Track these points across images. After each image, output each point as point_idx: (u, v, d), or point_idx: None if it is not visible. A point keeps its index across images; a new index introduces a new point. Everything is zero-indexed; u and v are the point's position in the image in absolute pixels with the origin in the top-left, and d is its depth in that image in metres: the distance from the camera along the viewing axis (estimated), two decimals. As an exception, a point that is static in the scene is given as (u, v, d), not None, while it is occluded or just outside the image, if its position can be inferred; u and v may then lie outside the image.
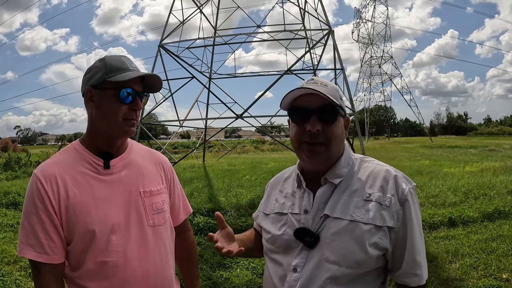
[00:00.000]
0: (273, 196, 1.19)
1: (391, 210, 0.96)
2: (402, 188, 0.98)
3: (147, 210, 1.16)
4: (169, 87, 11.33)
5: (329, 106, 1.00)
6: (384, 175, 1.01)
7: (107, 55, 1.15)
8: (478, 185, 7.41)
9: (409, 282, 0.99)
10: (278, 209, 1.12)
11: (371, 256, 0.95)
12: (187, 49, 12.78)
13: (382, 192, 0.98)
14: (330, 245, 0.97)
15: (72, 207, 1.07)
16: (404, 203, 0.97)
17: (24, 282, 3.60)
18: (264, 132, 18.76)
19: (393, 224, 0.96)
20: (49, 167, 1.10)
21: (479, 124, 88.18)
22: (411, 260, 0.98)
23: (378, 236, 0.95)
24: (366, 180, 1.02)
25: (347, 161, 1.06)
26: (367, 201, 0.98)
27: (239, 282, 3.57)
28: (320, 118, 1.00)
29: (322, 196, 1.03)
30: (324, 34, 10.12)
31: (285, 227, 1.06)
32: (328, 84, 1.05)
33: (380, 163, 1.07)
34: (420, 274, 0.99)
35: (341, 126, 1.05)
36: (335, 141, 1.02)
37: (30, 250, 1.05)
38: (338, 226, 0.97)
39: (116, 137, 1.15)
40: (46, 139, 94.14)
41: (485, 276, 3.48)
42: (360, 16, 64.18)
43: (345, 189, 1.02)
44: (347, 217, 0.97)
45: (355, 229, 0.95)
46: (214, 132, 17.42)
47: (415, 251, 0.98)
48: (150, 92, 1.19)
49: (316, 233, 0.99)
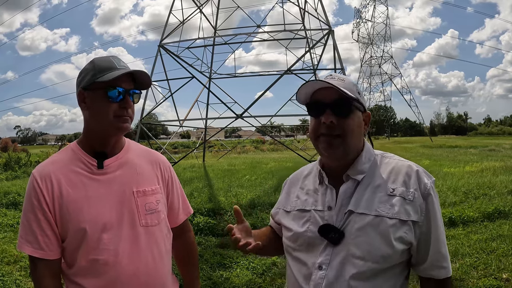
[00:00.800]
0: (294, 193, 1.18)
1: (415, 204, 0.97)
2: (424, 182, 1.00)
3: (140, 210, 1.17)
4: (169, 87, 11.34)
5: (343, 99, 1.01)
6: (407, 170, 1.02)
7: (96, 57, 1.18)
8: (478, 185, 7.41)
9: (436, 275, 1.01)
10: (301, 206, 1.11)
11: (396, 250, 0.96)
12: (187, 49, 12.79)
13: (405, 186, 1.00)
14: (355, 240, 0.97)
15: (66, 205, 1.10)
16: (427, 197, 0.99)
17: (24, 282, 3.60)
18: (264, 132, 18.76)
19: (417, 218, 0.97)
20: (45, 167, 1.15)
21: (479, 124, 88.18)
22: (436, 252, 0.99)
23: (403, 230, 0.96)
24: (389, 175, 1.03)
25: (368, 157, 1.07)
26: (391, 196, 0.99)
27: (239, 282, 3.57)
28: (335, 111, 1.01)
29: (345, 192, 1.03)
30: (324, 34, 10.13)
31: (308, 224, 1.06)
32: (346, 79, 1.06)
33: (401, 159, 1.09)
34: (446, 266, 1.01)
35: (358, 121, 1.05)
36: (351, 134, 1.02)
37: (28, 246, 1.10)
38: (363, 222, 0.97)
39: (110, 135, 1.17)
40: (46, 139, 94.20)
41: (485, 276, 3.48)
42: (360, 16, 64.22)
43: (368, 185, 1.02)
44: (372, 212, 0.98)
45: (380, 224, 0.96)
46: (214, 132, 17.42)
47: (440, 243, 0.99)
48: (140, 89, 1.20)
49: (340, 229, 0.99)
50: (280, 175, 9.90)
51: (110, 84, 1.11)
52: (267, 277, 3.66)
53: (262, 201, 6.47)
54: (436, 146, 27.80)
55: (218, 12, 14.26)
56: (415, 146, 29.24)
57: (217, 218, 5.81)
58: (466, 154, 17.40)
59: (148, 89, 1.32)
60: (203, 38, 12.89)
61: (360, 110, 1.06)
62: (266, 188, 7.96)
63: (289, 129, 69.63)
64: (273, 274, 3.70)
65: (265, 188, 7.90)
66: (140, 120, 10.66)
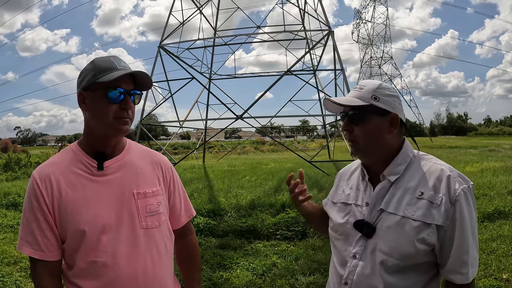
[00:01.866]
0: (341, 186, 1.28)
1: (441, 209, 1.00)
2: (454, 188, 1.02)
3: (140, 212, 1.16)
4: (169, 88, 11.36)
5: (355, 108, 1.12)
6: (438, 175, 1.05)
7: (97, 57, 1.17)
8: (478, 185, 7.40)
9: (454, 279, 1.04)
10: (344, 199, 1.22)
11: (419, 250, 1.01)
12: (187, 50, 12.80)
13: (434, 191, 1.03)
14: (383, 237, 1.05)
15: (64, 206, 1.10)
16: (455, 203, 1.00)
17: (24, 283, 3.60)
18: (264, 132, 18.76)
19: (441, 223, 1.00)
20: (45, 168, 1.15)
21: (479, 124, 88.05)
22: (457, 258, 1.02)
23: (426, 233, 1.00)
24: (421, 178, 1.07)
25: (403, 159, 1.12)
26: (419, 199, 1.03)
27: (239, 283, 3.57)
28: (350, 119, 1.14)
29: (379, 191, 1.11)
30: (324, 34, 10.14)
31: (348, 217, 1.16)
32: (366, 86, 1.13)
33: (438, 162, 1.11)
34: (465, 273, 1.02)
35: (375, 125, 1.10)
36: (364, 139, 1.11)
37: (27, 247, 1.10)
38: (391, 221, 1.05)
39: (110, 136, 1.16)
40: (46, 140, 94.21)
41: (485, 276, 3.47)
42: (360, 16, 64.26)
43: (401, 186, 1.08)
44: (399, 213, 1.04)
45: (405, 224, 1.02)
46: (214, 132, 17.44)
47: (463, 250, 1.01)
48: (141, 90, 1.19)
49: (373, 225, 1.08)
50: (280, 176, 9.91)
51: (111, 84, 1.09)
52: (267, 278, 3.66)
53: (262, 201, 6.46)
54: (436, 146, 27.78)
55: (218, 13, 14.28)
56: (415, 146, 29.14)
57: (217, 219, 5.80)
58: (466, 155, 17.39)
59: (148, 90, 1.32)
60: (203, 39, 12.92)
61: (380, 114, 1.10)
62: (266, 188, 7.95)
63: (289, 130, 69.66)
64: (273, 275, 3.69)
65: (265, 189, 7.89)
66: (140, 121, 10.66)
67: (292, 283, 3.47)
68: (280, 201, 6.39)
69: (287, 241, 4.81)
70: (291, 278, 3.56)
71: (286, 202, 6.24)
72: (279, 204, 6.25)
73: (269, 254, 4.28)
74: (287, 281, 3.51)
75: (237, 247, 4.65)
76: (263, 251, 4.45)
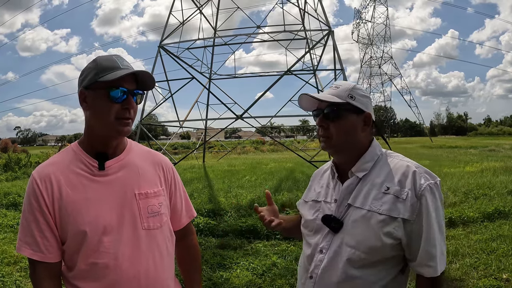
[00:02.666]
0: (313, 186, 1.32)
1: (407, 204, 1.03)
2: (420, 183, 1.05)
3: (142, 213, 1.15)
4: (169, 88, 11.36)
5: (331, 106, 1.14)
6: (404, 170, 1.08)
7: (99, 56, 1.14)
8: (478, 185, 7.40)
9: (423, 273, 1.06)
10: (315, 197, 1.26)
11: (385, 244, 1.04)
12: (187, 49, 12.80)
13: (400, 186, 1.06)
14: (350, 231, 1.08)
15: (65, 207, 1.08)
16: (420, 198, 1.03)
17: (24, 283, 3.59)
18: (264, 132, 18.77)
19: (408, 217, 1.03)
20: (45, 168, 1.13)
21: (479, 124, 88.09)
22: (425, 251, 1.03)
23: (392, 227, 1.03)
24: (388, 174, 1.10)
25: (371, 156, 1.15)
26: (385, 193, 1.07)
27: (239, 283, 3.57)
28: (325, 116, 1.16)
29: (347, 187, 1.14)
30: (324, 34, 10.14)
31: (318, 213, 1.20)
32: (341, 86, 1.17)
33: (404, 159, 1.15)
34: (433, 266, 1.04)
35: (350, 123, 1.14)
36: (338, 136, 1.14)
37: (27, 248, 1.08)
38: (357, 215, 1.08)
39: (111, 137, 1.14)
40: (46, 140, 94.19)
41: (485, 276, 3.47)
42: (360, 16, 64.25)
43: (368, 182, 1.11)
44: (365, 207, 1.07)
45: (371, 218, 1.05)
46: (214, 132, 17.44)
47: (430, 243, 1.03)
48: (143, 90, 1.17)
49: (340, 220, 1.11)
50: (280, 176, 9.91)
51: (113, 84, 1.07)
52: (267, 277, 3.66)
53: (262, 201, 6.46)
54: (436, 146, 27.80)
55: (218, 13, 14.28)
56: (415, 146, 29.24)
57: (217, 218, 5.81)
58: (466, 155, 17.39)
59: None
60: (203, 39, 12.91)
61: (355, 112, 1.15)
62: (266, 188, 7.95)
63: (289, 130, 69.64)
64: (273, 275, 3.69)
65: (265, 189, 7.89)
66: (140, 121, 10.66)
67: (292, 283, 3.47)
68: (280, 201, 6.39)
69: (287, 241, 4.81)
70: (291, 278, 3.56)
71: (286, 202, 6.25)
72: (279, 204, 6.26)
73: (269, 254, 4.28)
74: (287, 281, 3.51)
75: (237, 247, 4.65)
76: (263, 251, 4.45)
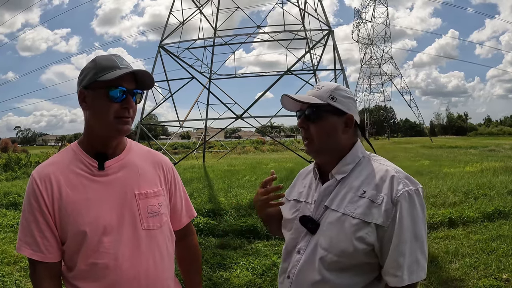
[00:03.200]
0: (297, 185, 1.31)
1: (382, 209, 1.00)
2: (397, 189, 1.01)
3: (142, 213, 1.15)
4: (169, 88, 11.36)
5: (312, 107, 1.13)
6: (382, 175, 1.06)
7: (99, 55, 1.14)
8: (478, 185, 7.40)
9: (388, 281, 1.01)
10: (296, 197, 1.25)
11: (357, 249, 1.01)
12: (187, 49, 12.80)
13: (376, 190, 1.03)
14: (325, 233, 1.07)
15: (65, 207, 1.08)
16: (396, 204, 0.99)
17: (24, 282, 3.59)
18: (264, 132, 18.77)
19: (381, 222, 1.00)
20: (45, 168, 1.13)
21: (479, 124, 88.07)
22: (393, 260, 0.99)
23: (365, 232, 1.01)
24: (366, 178, 1.08)
25: (352, 159, 1.13)
26: (361, 197, 1.04)
27: (239, 283, 3.57)
28: (306, 117, 1.15)
29: (326, 189, 1.13)
30: (324, 34, 10.14)
31: (297, 213, 1.18)
32: (323, 87, 1.16)
33: (385, 163, 1.12)
34: (399, 276, 0.98)
35: (330, 124, 1.13)
36: (319, 138, 1.13)
37: (27, 248, 1.08)
38: (333, 217, 1.07)
39: (110, 136, 1.14)
40: (46, 140, 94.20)
41: (485, 276, 3.47)
42: (360, 16, 64.26)
43: (346, 185, 1.10)
44: (340, 210, 1.06)
45: (345, 221, 1.04)
46: (214, 132, 17.44)
47: (399, 252, 0.98)
48: (143, 89, 1.17)
49: (317, 221, 1.10)
50: (280, 176, 9.92)
51: (112, 83, 1.07)
52: (267, 277, 3.66)
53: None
54: (436, 146, 27.80)
55: (218, 13, 14.28)
56: (415, 146, 29.24)
57: (217, 218, 5.80)
58: (466, 155, 17.38)
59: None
60: (203, 38, 12.91)
61: (336, 113, 1.13)
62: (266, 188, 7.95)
63: (289, 130, 69.65)
64: (273, 275, 3.69)
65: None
66: (140, 121, 10.66)
67: (292, 283, 3.47)
68: (280, 201, 6.39)
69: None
70: (291, 278, 3.56)
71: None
72: (279, 204, 6.25)
73: (269, 254, 4.28)
74: (287, 281, 3.51)
75: (237, 247, 4.65)
76: (263, 250, 4.45)
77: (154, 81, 1.17)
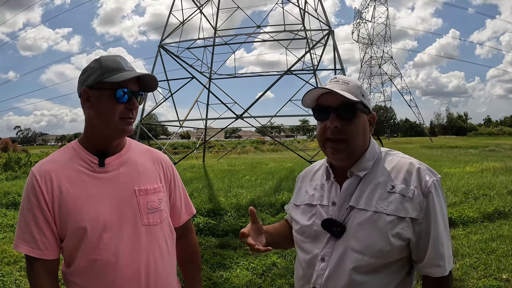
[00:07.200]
0: (304, 188, 1.23)
1: (414, 202, 0.98)
2: (425, 180, 1.00)
3: (142, 209, 1.16)
4: (169, 88, 11.34)
5: (347, 104, 1.04)
6: (408, 168, 1.03)
7: (102, 56, 1.16)
8: (478, 185, 7.41)
9: (432, 273, 1.01)
10: (308, 201, 1.16)
11: (394, 246, 0.98)
12: (187, 49, 12.79)
13: (405, 184, 1.01)
14: (355, 235, 1.01)
15: (65, 204, 1.08)
16: (427, 195, 0.99)
17: (24, 282, 3.59)
18: (264, 132, 18.77)
19: (416, 216, 0.98)
20: (44, 165, 1.13)
21: (479, 124, 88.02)
22: (434, 251, 0.99)
23: (401, 227, 0.98)
24: (390, 172, 1.05)
25: (372, 155, 1.09)
26: (391, 193, 1.01)
27: (239, 283, 3.57)
28: (339, 115, 1.04)
29: (348, 188, 1.07)
30: (324, 34, 10.14)
31: (314, 218, 1.10)
32: (351, 82, 1.08)
33: (405, 156, 1.09)
34: (442, 265, 0.99)
35: (363, 123, 1.08)
36: (355, 138, 1.05)
37: (24, 245, 1.08)
38: (362, 217, 1.01)
39: (114, 136, 1.15)
40: (46, 139, 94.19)
41: (485, 276, 3.47)
42: (361, 16, 64.26)
43: (370, 182, 1.05)
44: (371, 208, 1.00)
45: (378, 220, 0.99)
46: (214, 132, 17.43)
47: (439, 242, 0.99)
48: (145, 91, 1.20)
49: (342, 224, 1.03)
50: (280, 176, 9.91)
51: (119, 85, 1.10)
52: (267, 277, 3.66)
53: (262, 201, 6.47)
54: (436, 146, 27.79)
55: (218, 13, 14.27)
56: (415, 146, 29.23)
57: (217, 218, 5.80)
58: (466, 155, 17.40)
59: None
60: (203, 38, 12.90)
61: (365, 112, 1.09)
62: (266, 188, 7.95)
63: (289, 130, 69.66)
64: (273, 275, 3.70)
65: (265, 189, 7.90)
66: (140, 121, 10.66)
67: (292, 283, 3.47)
68: (280, 201, 6.40)
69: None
70: (291, 278, 3.55)
71: (286, 201, 6.24)
72: (279, 203, 6.26)
73: (269, 254, 4.28)
74: (287, 281, 3.51)
75: (237, 247, 4.65)
76: (263, 250, 4.45)
77: (157, 84, 1.20)
